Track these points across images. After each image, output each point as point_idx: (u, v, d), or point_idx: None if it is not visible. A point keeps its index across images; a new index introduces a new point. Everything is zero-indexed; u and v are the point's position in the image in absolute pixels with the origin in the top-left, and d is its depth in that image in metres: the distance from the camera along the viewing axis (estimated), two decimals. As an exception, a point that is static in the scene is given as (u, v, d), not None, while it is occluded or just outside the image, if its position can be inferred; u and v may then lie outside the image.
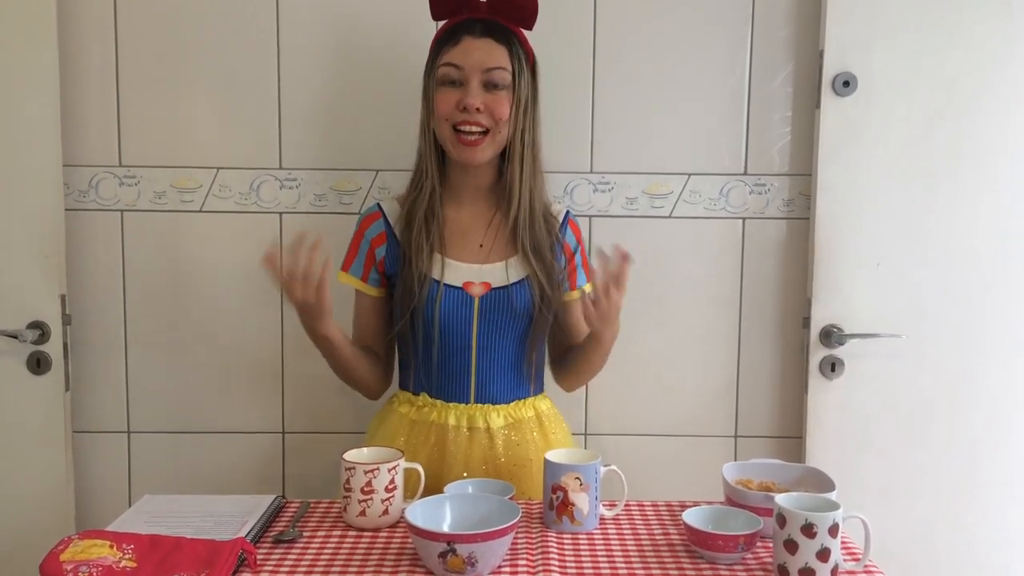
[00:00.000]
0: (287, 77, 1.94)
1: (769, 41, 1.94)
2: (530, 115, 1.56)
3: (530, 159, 1.57)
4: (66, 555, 1.18)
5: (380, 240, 1.62)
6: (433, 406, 1.60)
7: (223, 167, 1.96)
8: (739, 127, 1.96)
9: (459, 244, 1.60)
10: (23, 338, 1.86)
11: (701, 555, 1.28)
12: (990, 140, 1.91)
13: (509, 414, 1.61)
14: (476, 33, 1.52)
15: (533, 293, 1.57)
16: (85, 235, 1.96)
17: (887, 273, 1.93)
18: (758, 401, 2.02)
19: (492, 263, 1.58)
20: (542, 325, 1.59)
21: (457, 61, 1.50)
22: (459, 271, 1.57)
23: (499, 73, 1.51)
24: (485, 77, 1.51)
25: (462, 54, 1.51)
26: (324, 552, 1.29)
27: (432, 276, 1.55)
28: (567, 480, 1.36)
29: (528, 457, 1.59)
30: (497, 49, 1.51)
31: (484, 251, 1.59)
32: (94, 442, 2.01)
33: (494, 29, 1.53)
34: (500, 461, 1.57)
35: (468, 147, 1.52)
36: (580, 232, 1.69)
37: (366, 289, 1.63)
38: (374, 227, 1.63)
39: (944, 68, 1.89)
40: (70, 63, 1.91)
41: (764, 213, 1.98)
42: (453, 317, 1.56)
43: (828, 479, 1.38)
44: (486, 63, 1.50)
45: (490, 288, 1.57)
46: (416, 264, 1.55)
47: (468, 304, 1.56)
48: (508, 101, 1.52)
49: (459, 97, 1.50)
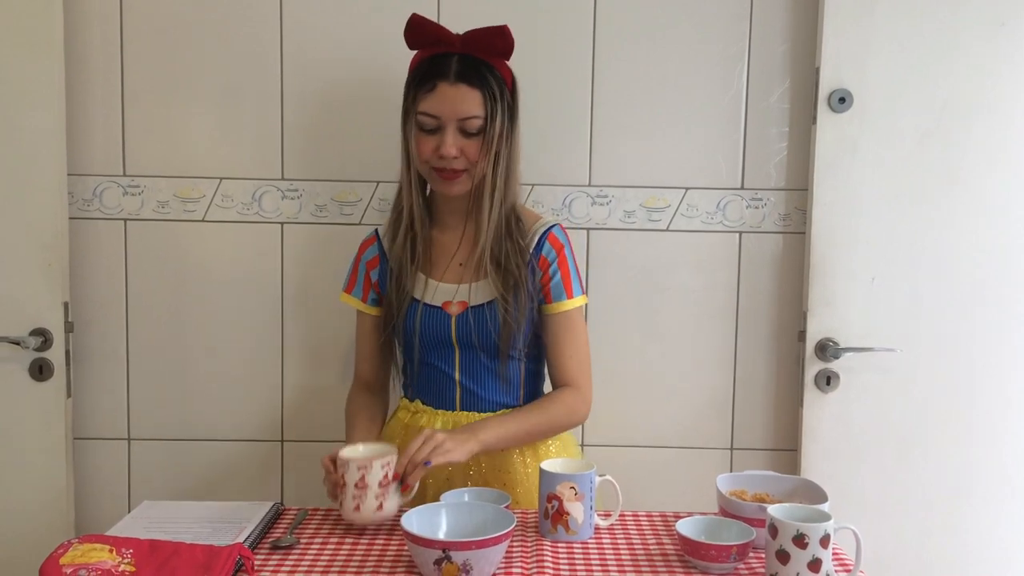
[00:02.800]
0: (289, 88, 1.97)
1: (766, 57, 1.97)
2: (504, 147, 1.58)
3: (501, 188, 1.59)
4: (66, 559, 1.20)
5: (374, 263, 1.70)
6: (424, 412, 1.66)
7: (226, 177, 1.98)
8: (736, 142, 1.98)
9: (441, 263, 1.65)
10: (26, 345, 1.87)
11: (694, 565, 1.30)
12: (984, 155, 1.93)
13: None
14: (451, 79, 1.53)
15: (499, 307, 1.59)
16: (89, 243, 1.98)
17: (882, 287, 1.95)
18: (754, 413, 2.04)
19: (469, 282, 1.62)
20: (509, 335, 1.60)
21: (433, 111, 1.54)
22: (439, 291, 1.63)
23: (472, 122, 1.54)
24: (460, 125, 1.54)
25: (437, 103, 1.53)
26: (321, 558, 1.31)
27: (413, 295, 1.63)
28: (562, 489, 1.38)
29: (513, 464, 1.61)
30: (471, 95, 1.54)
31: (464, 270, 1.63)
32: (95, 448, 2.03)
33: (468, 70, 1.54)
34: (482, 467, 1.60)
35: (447, 181, 1.58)
36: (563, 245, 1.63)
37: (366, 309, 1.71)
38: (369, 251, 1.71)
39: (938, 84, 1.91)
40: (75, 73, 1.94)
41: (760, 227, 2.00)
42: (432, 334, 1.62)
43: (821, 491, 1.39)
44: (459, 112, 1.53)
45: (466, 307, 1.61)
46: (398, 283, 1.63)
47: (446, 322, 1.61)
48: (481, 144, 1.56)
49: (436, 144, 1.55)
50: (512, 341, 1.60)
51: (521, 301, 1.59)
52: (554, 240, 1.64)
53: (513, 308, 1.59)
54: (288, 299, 2.01)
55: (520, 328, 1.60)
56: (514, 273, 1.59)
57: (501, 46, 1.58)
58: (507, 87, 1.60)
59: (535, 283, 1.63)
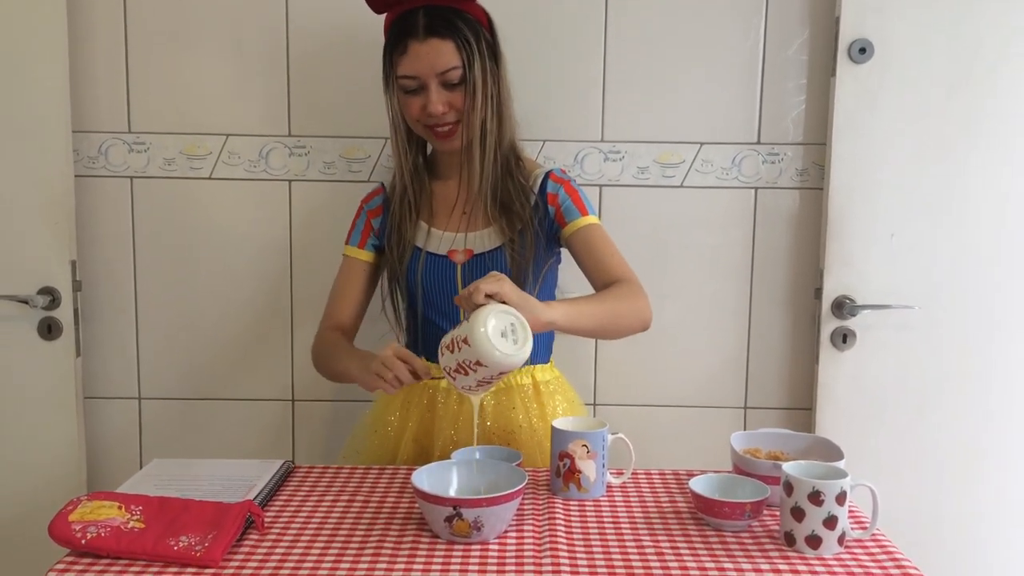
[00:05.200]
0: (296, 44, 1.93)
1: (784, 7, 1.91)
2: (491, 88, 1.54)
3: (494, 130, 1.56)
4: (75, 516, 1.19)
5: (376, 212, 1.67)
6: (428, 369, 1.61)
7: (232, 134, 1.95)
8: (753, 95, 1.94)
9: (444, 213, 1.63)
10: (34, 304, 1.87)
11: (708, 522, 1.28)
12: (1009, 110, 1.87)
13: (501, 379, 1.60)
14: (419, 35, 1.49)
15: (506, 253, 1.56)
16: (95, 201, 1.97)
17: (901, 245, 1.91)
18: (768, 372, 2.02)
19: (475, 231, 1.59)
20: (521, 286, 1.53)
21: (410, 72, 1.51)
22: (443, 239, 1.60)
23: (452, 73, 1.51)
24: (441, 79, 1.51)
25: (413, 63, 1.50)
26: (331, 516, 1.30)
27: (415, 244, 1.60)
28: (574, 447, 1.36)
29: (518, 424, 1.59)
30: (443, 46, 1.50)
31: (467, 218, 1.61)
32: (105, 408, 2.03)
33: (435, 24, 1.50)
34: (488, 424, 1.59)
35: (444, 138, 1.56)
36: (566, 180, 1.60)
37: (358, 254, 1.66)
38: (374, 200, 1.69)
39: (964, 36, 1.85)
40: (79, 30, 1.90)
41: (777, 183, 1.96)
42: (436, 284, 1.59)
43: (836, 448, 1.37)
44: (437, 67, 1.50)
45: (472, 255, 1.58)
46: (400, 232, 1.60)
47: (451, 270, 1.59)
48: (465, 93, 1.53)
49: (422, 103, 1.53)
50: (522, 285, 1.55)
51: (528, 241, 1.56)
52: (556, 177, 1.60)
53: (520, 248, 1.56)
54: (296, 256, 1.99)
55: (529, 269, 1.57)
56: (519, 213, 1.56)
57: None
58: (483, 27, 1.55)
59: (543, 221, 1.59)
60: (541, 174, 1.62)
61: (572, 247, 1.60)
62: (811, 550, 1.18)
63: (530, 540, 1.22)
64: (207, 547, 1.14)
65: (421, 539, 1.22)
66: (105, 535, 1.16)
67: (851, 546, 1.21)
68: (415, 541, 1.21)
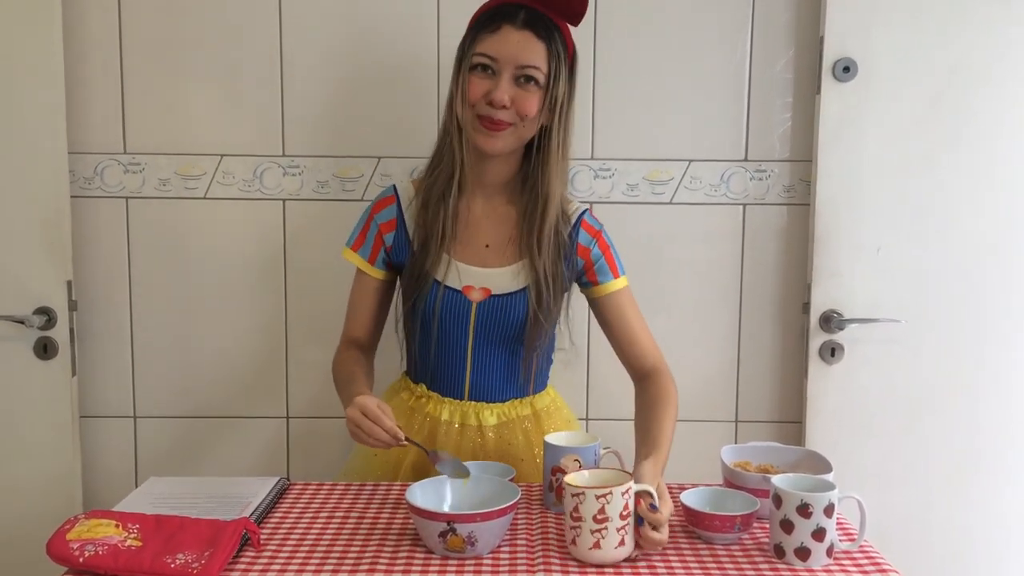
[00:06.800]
0: (290, 64, 1.95)
1: (769, 27, 1.94)
2: (564, 116, 1.49)
3: (562, 162, 1.50)
4: (72, 534, 1.20)
5: (390, 227, 1.58)
6: (429, 398, 1.60)
7: (227, 154, 1.97)
8: (740, 113, 1.97)
9: (466, 241, 1.55)
10: (30, 323, 1.88)
11: (698, 535, 1.30)
12: (990, 125, 1.91)
13: (503, 413, 1.60)
14: (517, 23, 1.44)
15: (530, 302, 1.52)
16: (90, 222, 1.98)
17: (887, 258, 1.94)
18: (758, 386, 2.04)
19: (495, 267, 1.54)
20: (537, 334, 1.54)
21: (492, 52, 1.44)
22: (462, 273, 1.54)
23: (532, 71, 1.44)
24: (518, 72, 1.44)
25: (498, 44, 1.44)
26: (327, 532, 1.31)
27: (435, 276, 1.53)
28: (566, 462, 1.38)
29: (519, 456, 1.58)
30: (536, 44, 1.44)
31: (490, 252, 1.55)
32: (101, 427, 2.03)
33: (536, 21, 1.45)
34: (490, 457, 1.56)
35: (490, 132, 1.46)
36: (598, 230, 1.59)
37: (370, 271, 1.60)
38: (385, 212, 1.59)
39: (944, 53, 1.89)
40: (75, 51, 1.92)
41: (764, 199, 1.99)
42: (450, 318, 1.54)
43: (825, 461, 1.39)
44: (521, 59, 1.43)
45: (489, 295, 1.54)
46: (421, 259, 1.53)
47: (466, 308, 1.54)
48: (538, 99, 1.46)
49: (489, 87, 1.44)
50: (540, 335, 1.54)
51: (558, 291, 1.53)
52: (588, 227, 1.58)
53: (547, 299, 1.51)
54: (291, 275, 2.01)
55: (553, 323, 1.54)
56: (554, 261, 1.52)
57: (577, 7, 1.51)
58: (568, 56, 1.50)
59: (572, 272, 1.56)
60: (574, 216, 1.57)
61: (601, 308, 1.59)
62: (800, 562, 1.20)
63: (523, 555, 1.24)
64: (204, 564, 1.15)
65: (415, 555, 1.23)
66: (103, 553, 1.17)
67: (840, 558, 1.23)
68: (409, 557, 1.22)
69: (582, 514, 1.18)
